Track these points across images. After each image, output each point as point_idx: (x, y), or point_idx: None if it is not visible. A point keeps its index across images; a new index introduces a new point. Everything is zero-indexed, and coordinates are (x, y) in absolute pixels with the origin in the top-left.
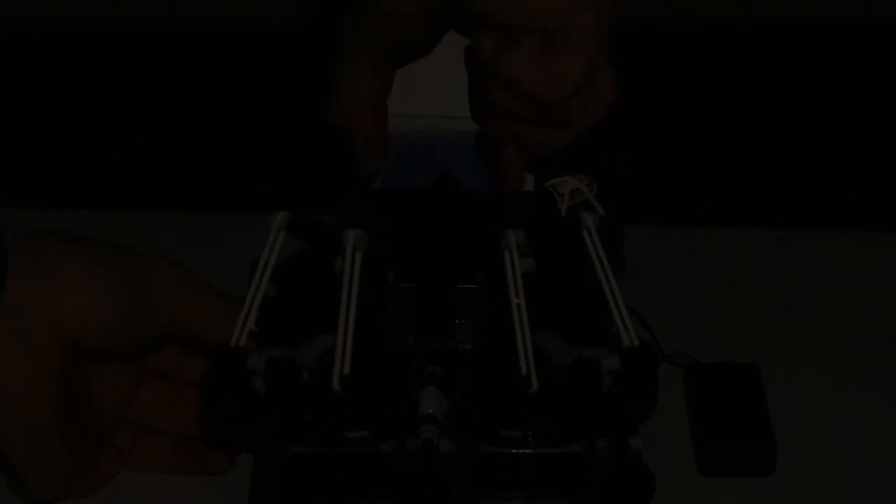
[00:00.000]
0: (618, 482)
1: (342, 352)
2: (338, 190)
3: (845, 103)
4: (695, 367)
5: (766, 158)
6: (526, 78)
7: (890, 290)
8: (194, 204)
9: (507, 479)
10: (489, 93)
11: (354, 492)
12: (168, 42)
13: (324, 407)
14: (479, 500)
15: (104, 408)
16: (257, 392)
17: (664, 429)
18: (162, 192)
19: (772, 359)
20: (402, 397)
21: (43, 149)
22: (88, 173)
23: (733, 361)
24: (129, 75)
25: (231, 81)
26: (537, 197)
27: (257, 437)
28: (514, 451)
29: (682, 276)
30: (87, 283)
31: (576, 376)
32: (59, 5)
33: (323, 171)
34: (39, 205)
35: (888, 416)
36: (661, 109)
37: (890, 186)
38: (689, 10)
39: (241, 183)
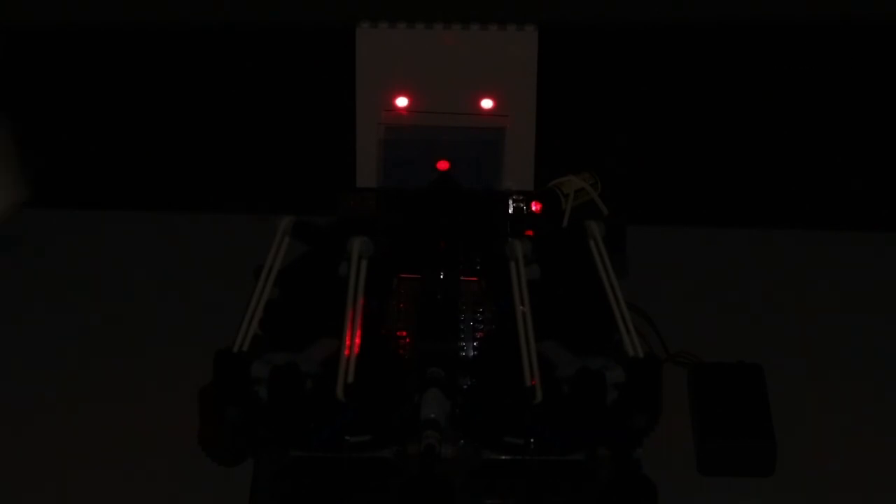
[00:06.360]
0: (619, 491)
1: (346, 360)
2: (338, 189)
3: (845, 103)
4: (699, 368)
5: (765, 158)
6: None
7: (890, 290)
8: (195, 204)
9: (509, 486)
10: None
11: (355, 497)
12: (168, 42)
13: (327, 414)
14: None
15: None
16: (261, 399)
17: (665, 429)
18: (161, 191)
19: (774, 359)
20: (405, 402)
21: (42, 149)
22: (89, 173)
23: (738, 362)
24: (129, 75)
25: (231, 81)
26: (541, 198)
27: (259, 442)
28: (515, 457)
29: (685, 276)
30: None
31: (580, 389)
32: (62, 5)
33: (323, 171)
34: (40, 205)
35: (888, 417)
36: (661, 109)
37: (890, 186)
38: (688, 9)
39: (241, 183)
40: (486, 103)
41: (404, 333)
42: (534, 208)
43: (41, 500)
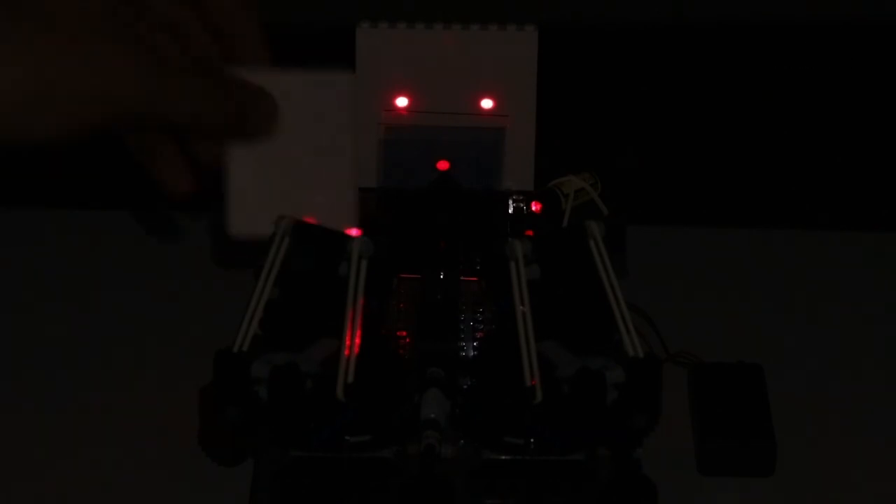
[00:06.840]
0: (619, 491)
1: (346, 360)
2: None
3: (845, 103)
4: (699, 368)
5: (765, 158)
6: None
7: (890, 290)
8: (195, 204)
9: (509, 486)
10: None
11: (355, 497)
12: None
13: (327, 414)
14: None
15: None
16: (261, 399)
17: (665, 429)
18: (161, 191)
19: (774, 359)
20: (405, 402)
21: (42, 149)
22: (88, 173)
23: (737, 362)
24: None
25: None
26: (541, 198)
27: (259, 442)
28: (515, 457)
29: (685, 276)
30: None
31: (580, 389)
32: None
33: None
34: (40, 205)
35: (888, 417)
36: (661, 110)
37: (890, 186)
38: (688, 9)
39: None
40: (486, 103)
41: (404, 333)
42: (534, 208)
43: (41, 500)
